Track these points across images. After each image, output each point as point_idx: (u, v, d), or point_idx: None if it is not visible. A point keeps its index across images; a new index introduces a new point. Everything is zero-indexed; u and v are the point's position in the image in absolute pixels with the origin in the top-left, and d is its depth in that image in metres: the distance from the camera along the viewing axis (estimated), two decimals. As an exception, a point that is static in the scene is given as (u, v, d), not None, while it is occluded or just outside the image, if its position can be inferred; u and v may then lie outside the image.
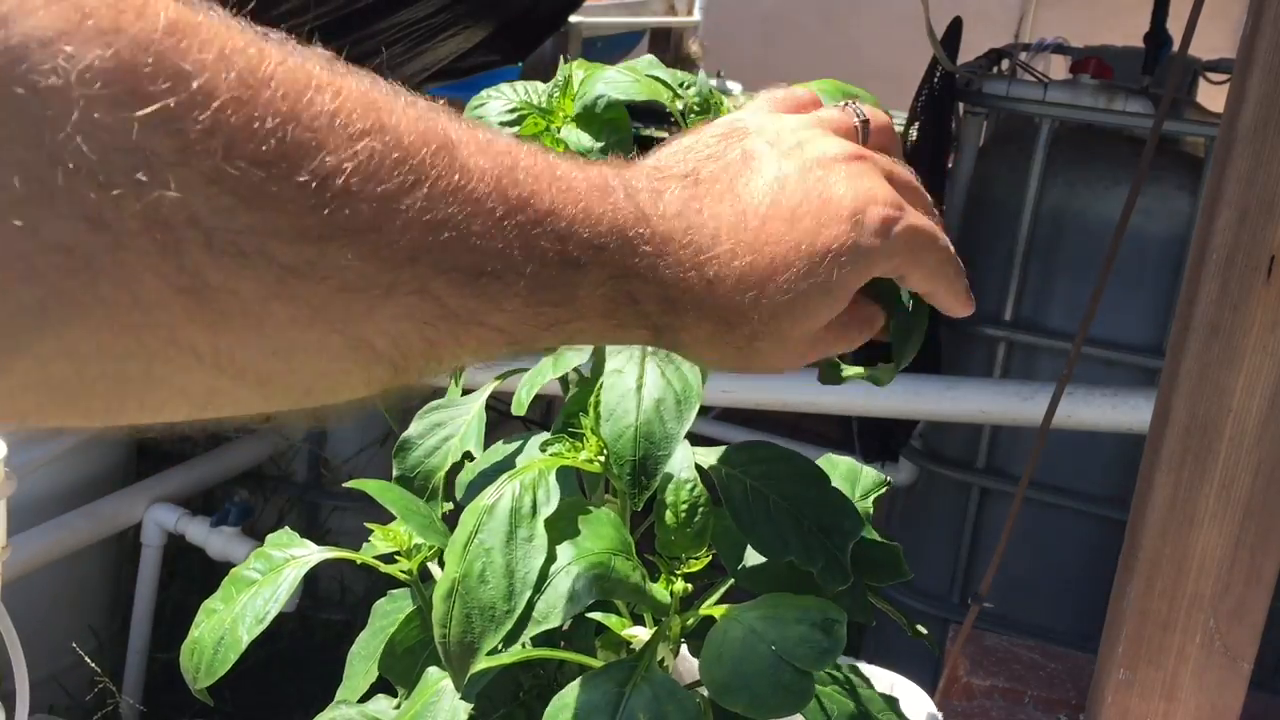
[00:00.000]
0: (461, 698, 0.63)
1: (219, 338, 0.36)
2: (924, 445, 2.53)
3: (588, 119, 0.66)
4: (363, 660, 0.73)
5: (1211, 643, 1.15)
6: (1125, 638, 1.18)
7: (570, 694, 0.58)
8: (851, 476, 0.77)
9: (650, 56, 0.69)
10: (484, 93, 0.68)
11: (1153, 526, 1.15)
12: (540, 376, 0.68)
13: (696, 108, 0.64)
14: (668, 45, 5.47)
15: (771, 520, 0.62)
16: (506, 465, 0.70)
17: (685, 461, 0.62)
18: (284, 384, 0.40)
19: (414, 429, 0.75)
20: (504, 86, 0.68)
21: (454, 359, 0.43)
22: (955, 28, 2.44)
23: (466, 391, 0.78)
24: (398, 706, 0.72)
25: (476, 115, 0.67)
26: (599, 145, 0.67)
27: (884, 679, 0.99)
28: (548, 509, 0.58)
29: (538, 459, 0.63)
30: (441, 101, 0.44)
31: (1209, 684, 1.16)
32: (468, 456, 0.73)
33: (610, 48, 4.49)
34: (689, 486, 0.62)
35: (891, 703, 0.64)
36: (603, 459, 0.63)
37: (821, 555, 0.61)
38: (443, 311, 0.41)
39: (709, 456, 0.64)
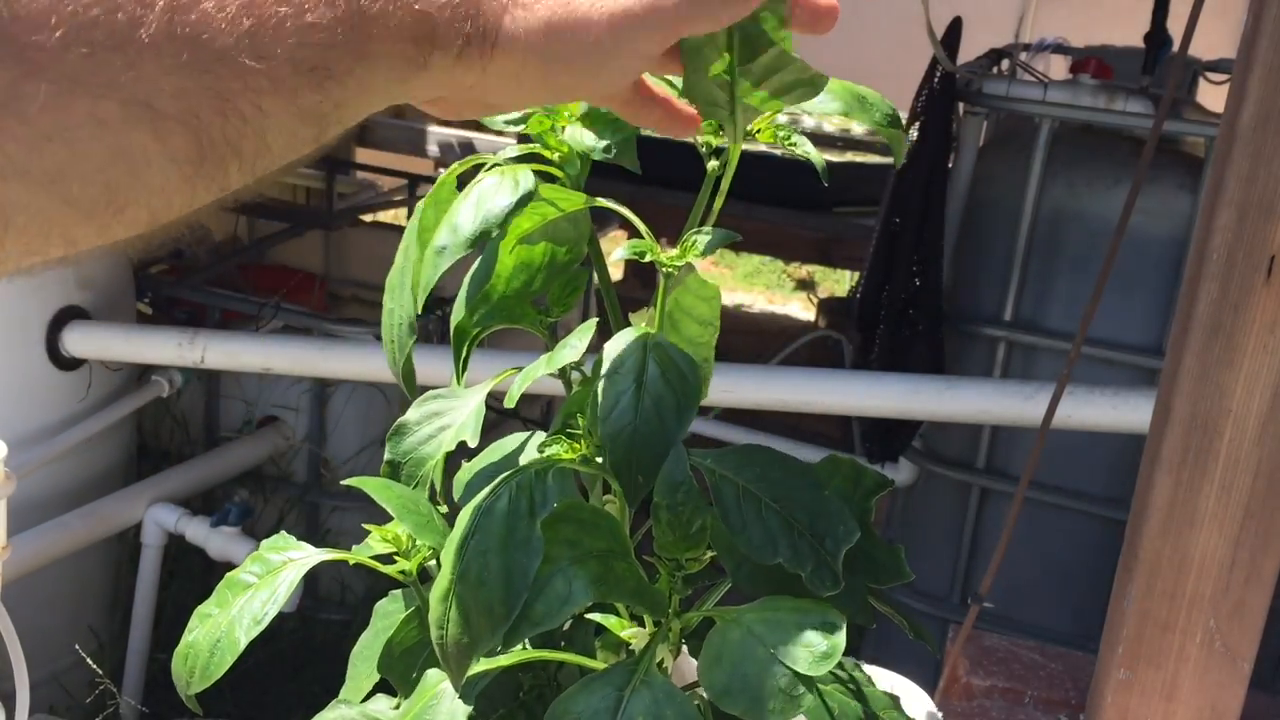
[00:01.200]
0: (460, 698, 0.63)
1: None
2: (924, 445, 2.53)
3: (594, 118, 0.66)
4: (364, 661, 0.73)
5: (1211, 643, 1.15)
6: (1125, 638, 1.18)
7: (569, 698, 0.57)
8: (854, 477, 0.77)
9: None
10: None
11: (1153, 527, 1.15)
12: (535, 371, 0.67)
13: None
14: (668, 45, 5.46)
15: (762, 523, 0.61)
16: (505, 465, 0.70)
17: (682, 463, 0.62)
18: (82, 179, 0.38)
19: (411, 414, 0.74)
20: None
21: (258, 124, 0.41)
22: (955, 28, 2.44)
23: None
24: (396, 707, 0.72)
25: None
26: (603, 144, 0.67)
27: (884, 679, 0.99)
28: (545, 511, 0.58)
29: (535, 460, 0.63)
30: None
31: (1209, 684, 1.16)
32: (464, 451, 0.73)
33: (610, 48, 4.48)
34: (686, 488, 0.62)
35: (892, 702, 0.64)
36: (600, 460, 0.63)
37: (811, 559, 0.60)
38: (214, 54, 0.39)
39: (703, 458, 0.64)
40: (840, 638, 0.58)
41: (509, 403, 0.68)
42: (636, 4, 0.48)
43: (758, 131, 0.64)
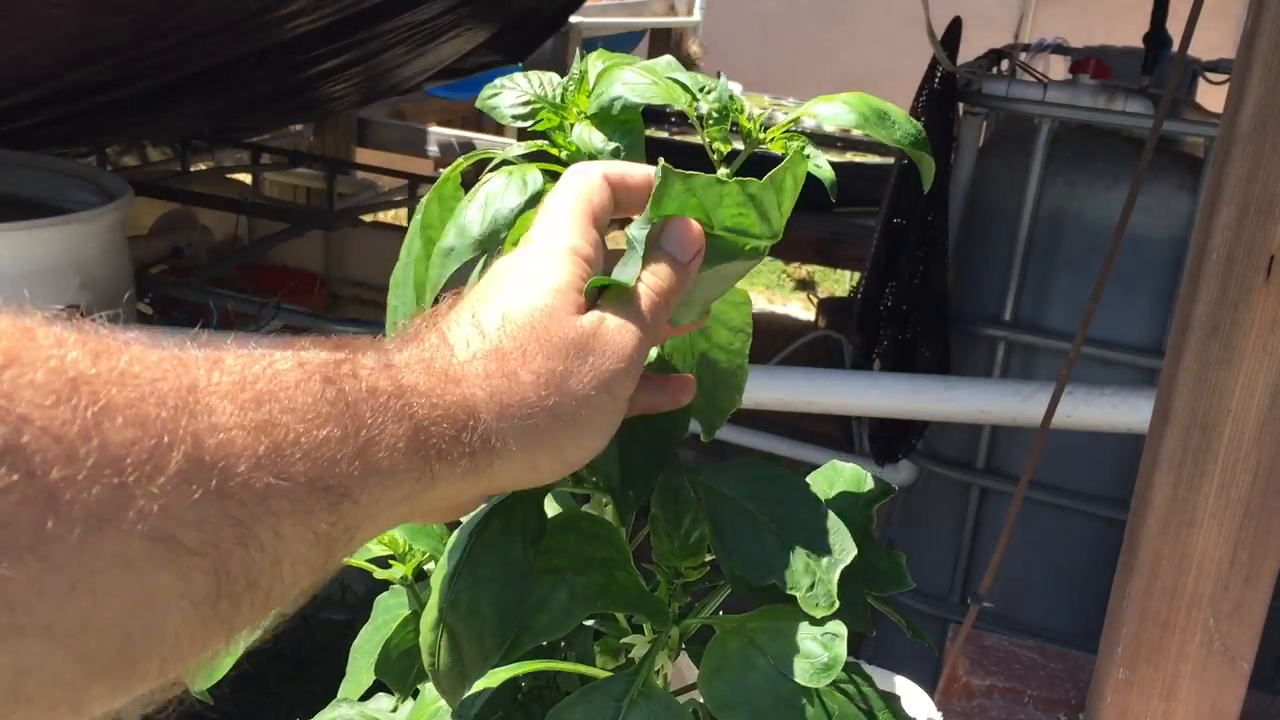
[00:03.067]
0: (455, 717, 0.62)
1: (7, 577, 0.32)
2: (924, 445, 2.53)
3: (602, 119, 0.64)
4: (364, 655, 0.73)
5: (1211, 642, 1.15)
6: (1125, 637, 1.18)
7: (566, 707, 0.57)
8: (856, 484, 0.76)
9: (669, 58, 0.67)
10: (497, 82, 0.65)
11: (1152, 526, 1.15)
12: None
13: (715, 115, 0.63)
14: (667, 45, 5.47)
15: (758, 542, 0.60)
16: None
17: (678, 471, 0.61)
18: (101, 632, 0.34)
19: None
20: (518, 77, 0.65)
21: (274, 551, 0.39)
22: (955, 28, 2.44)
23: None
24: (395, 709, 0.72)
25: (490, 106, 0.65)
26: (611, 145, 0.66)
27: (883, 679, 0.99)
28: (538, 538, 0.57)
29: None
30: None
31: (1208, 684, 1.16)
32: None
33: (610, 48, 4.47)
34: (682, 497, 0.61)
35: (892, 702, 0.64)
36: (594, 479, 0.63)
37: (807, 580, 0.60)
38: (237, 478, 0.37)
39: (699, 472, 0.63)
40: (841, 648, 0.57)
41: None
42: (618, 363, 0.50)
43: (770, 141, 0.64)
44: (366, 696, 0.74)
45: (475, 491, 0.48)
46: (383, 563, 0.70)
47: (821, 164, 0.63)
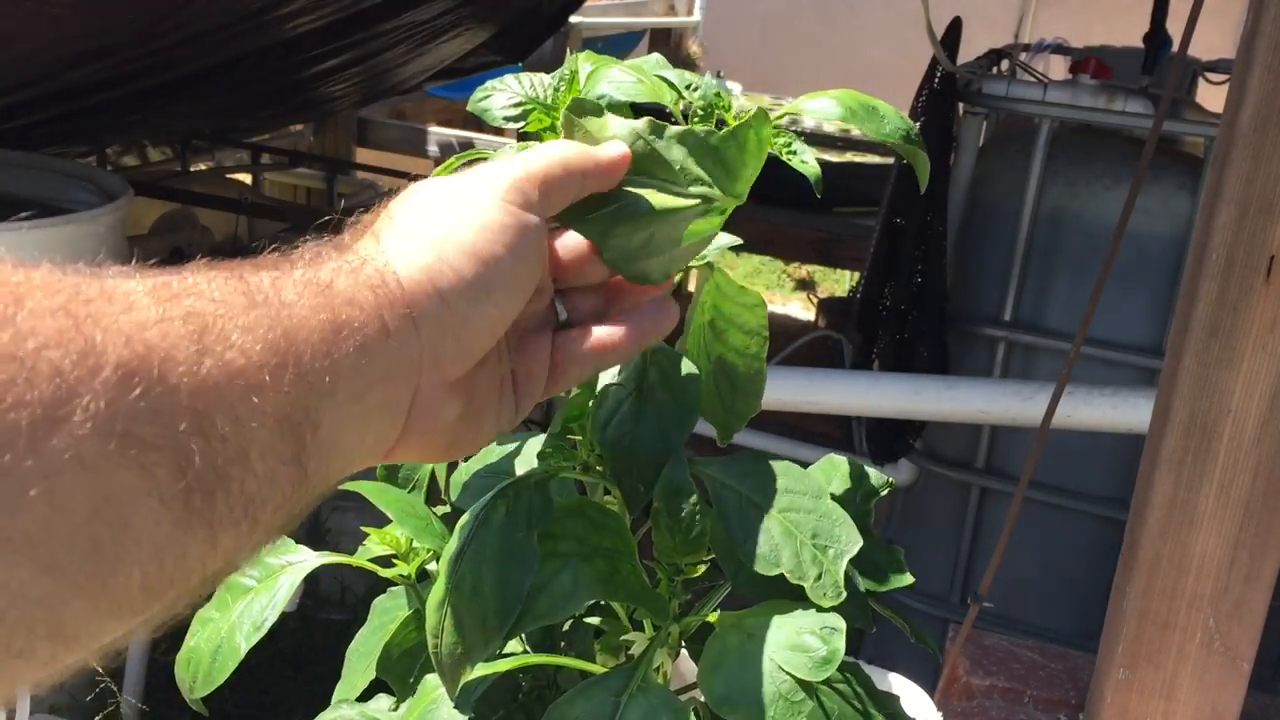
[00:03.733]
0: (455, 707, 0.63)
1: None
2: (924, 445, 2.53)
3: None
4: (362, 657, 0.73)
5: (1211, 643, 1.15)
6: (1125, 637, 1.18)
7: (566, 702, 0.57)
8: (854, 478, 0.76)
9: (658, 56, 0.68)
10: (488, 84, 0.66)
11: (1152, 526, 1.15)
12: None
13: (700, 112, 0.63)
14: (668, 45, 5.47)
15: (765, 533, 0.61)
16: (502, 467, 0.70)
17: (682, 468, 0.62)
18: (65, 538, 0.33)
19: None
20: (509, 79, 0.66)
21: (238, 441, 0.39)
22: (955, 28, 2.44)
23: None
24: (394, 708, 0.72)
25: (481, 108, 0.66)
26: None
27: (883, 679, 0.99)
28: (543, 523, 0.58)
29: (535, 469, 0.63)
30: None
31: (1208, 684, 1.16)
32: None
33: (610, 48, 4.49)
34: (686, 493, 0.61)
35: (891, 702, 0.64)
36: (600, 468, 0.63)
37: (814, 569, 0.60)
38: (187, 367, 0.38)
39: (705, 465, 0.64)
40: (840, 643, 0.58)
41: None
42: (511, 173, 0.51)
43: None
44: (365, 698, 0.74)
45: (420, 354, 0.48)
46: (385, 562, 0.70)
47: (808, 160, 0.63)
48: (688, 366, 0.63)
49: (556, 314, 0.56)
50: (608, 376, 0.64)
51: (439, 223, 0.49)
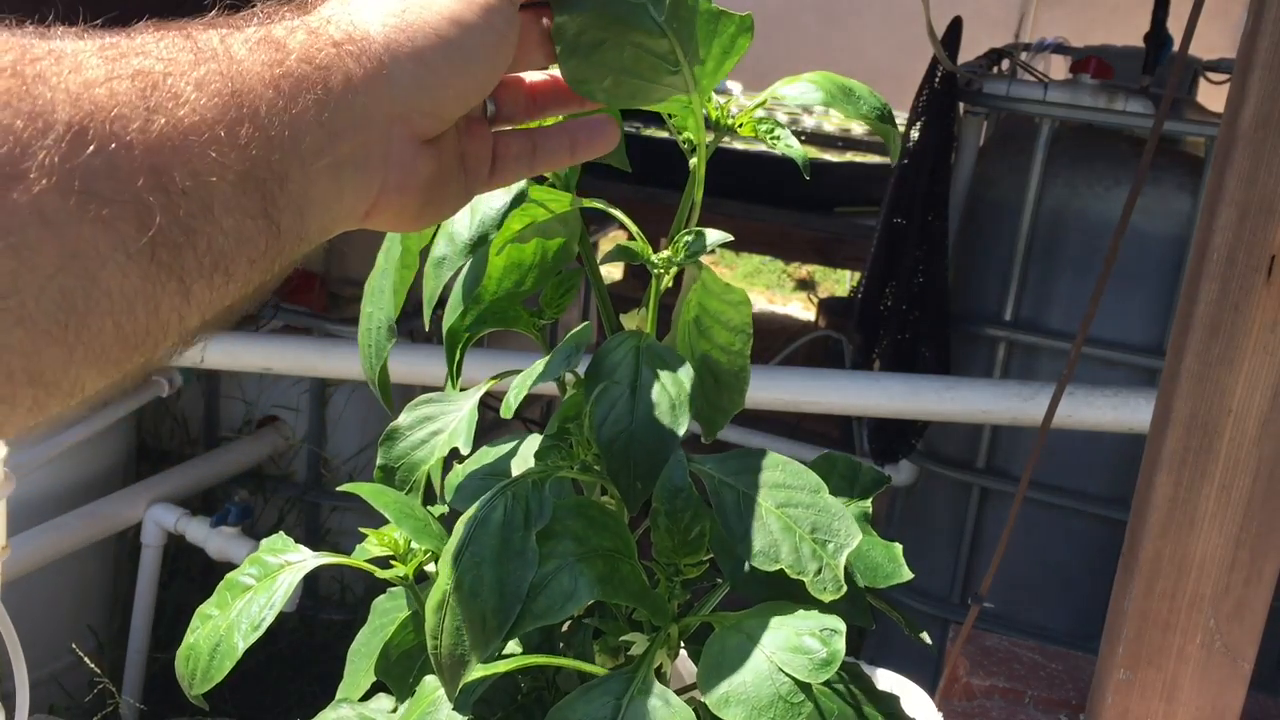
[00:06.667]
0: (454, 708, 0.62)
1: None
2: (924, 445, 2.53)
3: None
4: (363, 658, 0.73)
5: (1212, 643, 1.15)
6: (1125, 638, 1.18)
7: (567, 705, 0.57)
8: (850, 474, 0.76)
9: None
10: None
11: (1153, 527, 1.14)
12: (530, 378, 0.67)
13: None
14: (668, 45, 5.46)
15: (764, 528, 0.61)
16: (498, 468, 0.69)
17: (681, 468, 0.61)
18: (34, 290, 0.35)
19: (403, 419, 0.74)
20: None
21: (199, 196, 0.39)
22: (955, 28, 2.44)
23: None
24: (394, 710, 0.72)
25: None
26: None
27: (884, 679, 0.99)
28: (541, 522, 0.58)
29: (533, 469, 0.63)
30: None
31: (1209, 684, 1.16)
32: (455, 456, 0.72)
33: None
34: (685, 494, 0.61)
35: (891, 702, 0.64)
36: (597, 468, 0.63)
37: (813, 564, 0.60)
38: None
39: (702, 462, 0.64)
40: (839, 644, 0.57)
41: (505, 413, 0.68)
42: None
43: (739, 126, 0.64)
44: (365, 698, 0.74)
45: (386, 109, 0.48)
46: (383, 563, 0.70)
47: (792, 143, 0.64)
48: (682, 363, 0.63)
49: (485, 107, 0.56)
50: (609, 367, 0.63)
51: None
